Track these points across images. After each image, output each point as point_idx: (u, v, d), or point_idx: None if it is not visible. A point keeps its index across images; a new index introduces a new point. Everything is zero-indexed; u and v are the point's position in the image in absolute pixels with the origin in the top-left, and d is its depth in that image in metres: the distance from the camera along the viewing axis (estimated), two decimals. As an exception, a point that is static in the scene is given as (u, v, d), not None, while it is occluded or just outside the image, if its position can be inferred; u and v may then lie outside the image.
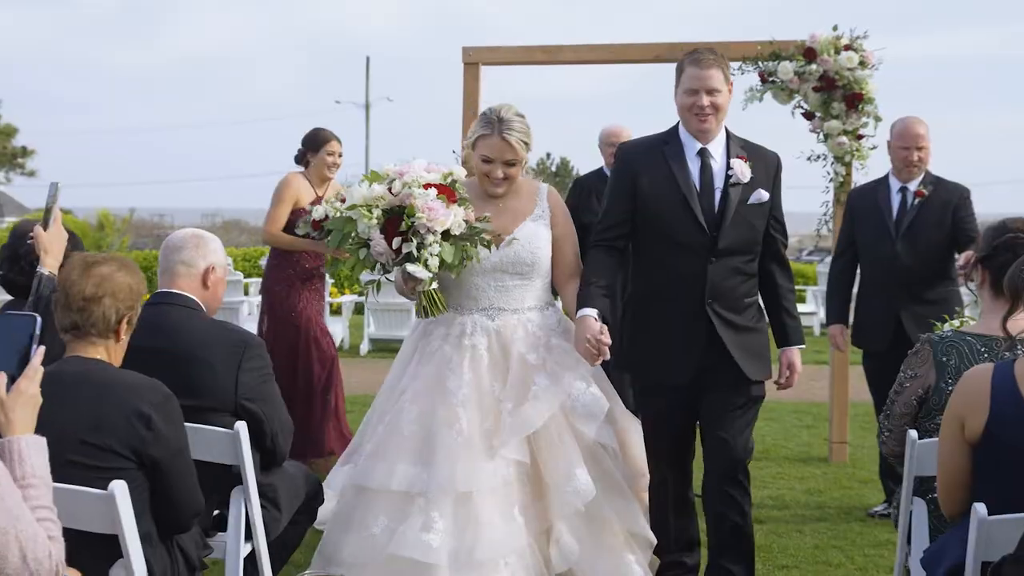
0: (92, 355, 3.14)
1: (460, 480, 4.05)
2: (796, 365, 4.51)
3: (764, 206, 4.39)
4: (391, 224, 4.18)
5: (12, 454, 2.44)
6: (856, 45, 7.54)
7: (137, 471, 3.07)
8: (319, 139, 6.93)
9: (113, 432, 3.04)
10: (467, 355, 4.31)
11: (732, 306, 4.35)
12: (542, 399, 4.19)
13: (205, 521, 3.75)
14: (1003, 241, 3.40)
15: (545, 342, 4.37)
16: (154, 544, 3.16)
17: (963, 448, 2.95)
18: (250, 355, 3.82)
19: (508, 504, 4.09)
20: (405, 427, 4.20)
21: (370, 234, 4.20)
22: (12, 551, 2.29)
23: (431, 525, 3.99)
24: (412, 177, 4.21)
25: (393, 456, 4.16)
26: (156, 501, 3.17)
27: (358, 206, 4.20)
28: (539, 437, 4.19)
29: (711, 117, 4.31)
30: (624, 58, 8.40)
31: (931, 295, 5.85)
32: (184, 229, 4.05)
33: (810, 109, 7.64)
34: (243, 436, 3.72)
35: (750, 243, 4.39)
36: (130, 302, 3.18)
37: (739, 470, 4.39)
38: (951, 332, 3.51)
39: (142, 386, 3.11)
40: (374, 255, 4.21)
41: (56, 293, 3.17)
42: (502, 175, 4.41)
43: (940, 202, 5.99)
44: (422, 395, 4.26)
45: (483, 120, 4.45)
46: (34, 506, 2.39)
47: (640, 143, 4.54)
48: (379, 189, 4.20)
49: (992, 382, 2.87)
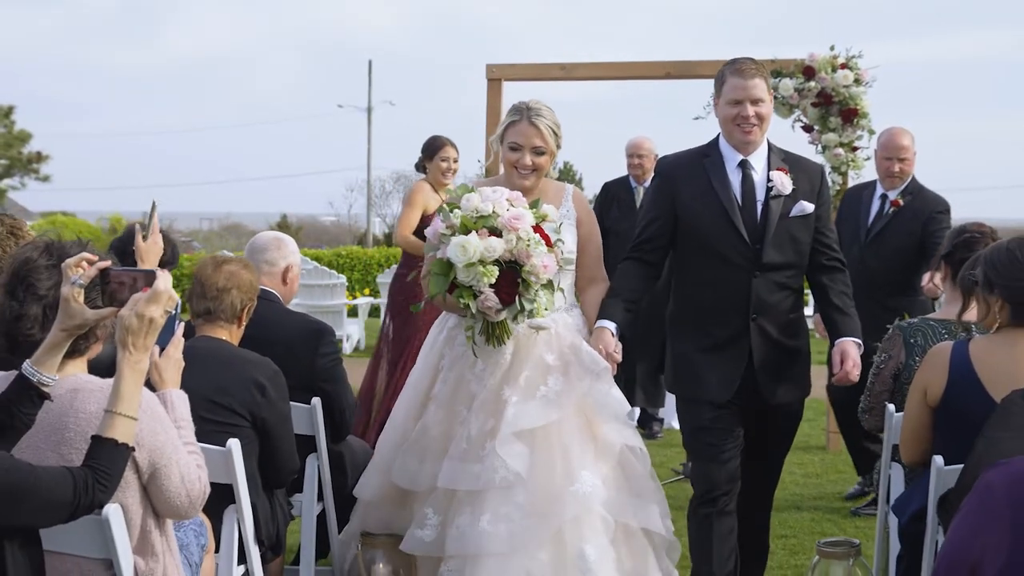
0: (218, 335, 3.80)
1: (445, 478, 4.09)
2: (850, 353, 4.18)
3: (808, 219, 4.24)
4: (505, 279, 3.98)
5: (166, 403, 3.07)
6: (852, 64, 8.19)
7: (250, 430, 3.74)
8: (434, 146, 7.07)
9: (235, 395, 3.71)
10: (492, 358, 4.24)
11: (777, 322, 4.23)
12: (550, 401, 4.14)
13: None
14: (961, 240, 4.07)
15: (569, 343, 4.28)
16: (259, 494, 3.79)
17: (925, 409, 3.57)
18: (324, 342, 4.44)
19: (502, 506, 4.03)
20: (433, 429, 4.24)
21: (480, 287, 3.97)
22: (174, 474, 2.91)
23: (424, 522, 4.13)
24: (528, 233, 3.98)
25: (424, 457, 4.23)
26: (262, 458, 3.83)
27: (475, 264, 3.93)
28: (547, 442, 4.11)
29: (756, 128, 4.20)
30: (636, 74, 9.11)
31: (891, 303, 5.92)
32: (266, 232, 4.71)
33: (809, 123, 8.30)
34: (318, 411, 4.33)
35: (795, 256, 4.24)
36: (251, 294, 3.89)
37: (767, 497, 4.49)
38: (918, 319, 4.13)
39: (259, 362, 3.80)
40: (482, 308, 3.99)
41: (192, 285, 3.82)
42: (530, 163, 4.30)
43: (913, 212, 6.20)
44: (447, 399, 4.26)
45: (512, 110, 4.39)
46: (184, 442, 3.02)
47: (680, 157, 4.40)
48: (497, 246, 3.94)
49: (951, 357, 3.49)
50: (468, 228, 3.98)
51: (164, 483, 2.89)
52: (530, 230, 3.98)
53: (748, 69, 4.20)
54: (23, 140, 40.03)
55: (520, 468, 4.03)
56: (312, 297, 13.87)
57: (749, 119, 4.17)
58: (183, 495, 2.91)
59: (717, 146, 4.30)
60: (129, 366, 2.69)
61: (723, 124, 4.26)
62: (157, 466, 2.88)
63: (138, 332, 2.70)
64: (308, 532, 4.38)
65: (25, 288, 2.85)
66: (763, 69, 4.25)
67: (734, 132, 4.22)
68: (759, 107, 4.19)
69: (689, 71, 8.68)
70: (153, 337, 2.75)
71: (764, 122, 4.22)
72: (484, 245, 3.93)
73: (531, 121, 4.28)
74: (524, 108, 4.32)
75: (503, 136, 4.36)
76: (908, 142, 6.33)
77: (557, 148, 4.36)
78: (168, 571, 2.93)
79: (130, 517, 2.86)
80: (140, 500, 2.90)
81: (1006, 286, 3.37)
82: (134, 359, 2.70)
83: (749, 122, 4.18)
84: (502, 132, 4.37)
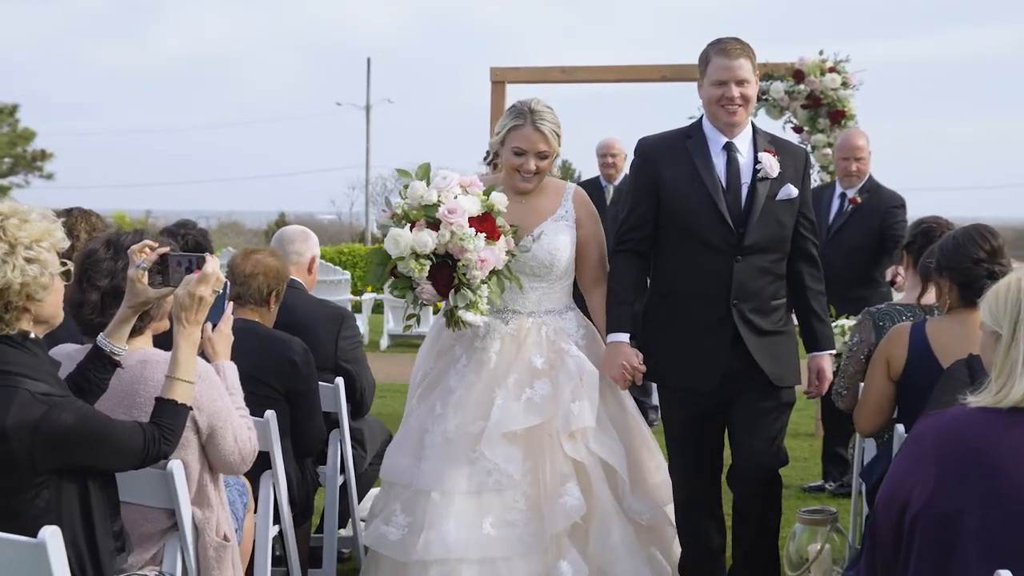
0: (249, 317, 4.21)
1: (422, 478, 4.10)
2: (825, 372, 4.27)
3: (793, 202, 4.16)
4: (440, 273, 4.00)
5: (220, 373, 3.51)
6: (839, 68, 8.60)
7: (284, 402, 4.16)
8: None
9: (270, 370, 4.12)
10: (475, 357, 4.25)
11: (759, 308, 4.14)
12: (535, 405, 4.11)
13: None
14: (920, 231, 4.51)
15: (558, 347, 4.23)
16: (290, 462, 4.20)
17: (886, 381, 3.97)
18: (346, 326, 4.84)
19: (477, 512, 4.02)
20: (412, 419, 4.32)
21: (417, 279, 4.01)
22: (228, 435, 3.36)
23: (391, 518, 4.17)
24: (462, 228, 3.94)
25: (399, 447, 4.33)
26: (294, 429, 4.24)
27: (406, 259, 3.96)
28: (537, 449, 4.11)
29: (741, 109, 4.09)
30: (634, 77, 9.56)
31: (852, 295, 6.09)
32: (293, 226, 5.12)
33: (799, 124, 8.72)
34: (341, 389, 4.72)
35: (778, 241, 4.17)
36: (277, 279, 4.30)
37: (770, 479, 4.21)
38: (885, 305, 4.53)
39: (291, 341, 4.22)
40: (421, 300, 4.05)
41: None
42: (534, 167, 4.24)
43: (871, 209, 6.53)
44: (426, 393, 4.35)
45: (514, 112, 4.28)
46: (236, 407, 3.46)
47: (662, 138, 4.27)
48: (428, 241, 3.94)
49: (910, 335, 3.90)
50: (409, 219, 3.99)
51: (220, 443, 3.34)
52: (465, 224, 3.94)
53: (733, 49, 4.10)
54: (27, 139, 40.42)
55: (514, 471, 4.02)
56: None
57: (734, 100, 4.07)
58: (236, 453, 3.36)
59: (701, 128, 4.20)
60: (184, 337, 3.11)
61: (707, 105, 4.16)
62: (214, 427, 3.32)
63: (190, 308, 3.11)
64: (332, 501, 4.75)
65: (87, 279, 3.29)
66: (748, 49, 4.14)
67: (719, 113, 4.12)
68: (744, 88, 4.08)
69: (684, 74, 9.10)
70: (204, 313, 3.16)
71: (749, 103, 4.13)
72: (415, 239, 3.93)
73: (536, 126, 4.21)
74: (527, 111, 4.23)
75: (505, 139, 4.27)
76: (863, 143, 6.66)
77: (560, 145, 4.30)
78: (220, 521, 3.37)
79: (189, 472, 3.30)
80: (199, 457, 3.34)
81: (953, 269, 3.79)
82: (187, 331, 3.11)
83: (734, 103, 4.07)
84: (504, 135, 4.27)
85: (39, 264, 2.82)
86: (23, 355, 2.84)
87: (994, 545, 2.54)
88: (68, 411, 2.80)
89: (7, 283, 2.78)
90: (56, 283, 2.90)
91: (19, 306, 2.82)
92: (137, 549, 3.22)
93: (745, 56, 4.09)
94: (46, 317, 2.92)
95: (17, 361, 2.82)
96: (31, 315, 2.87)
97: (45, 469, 2.80)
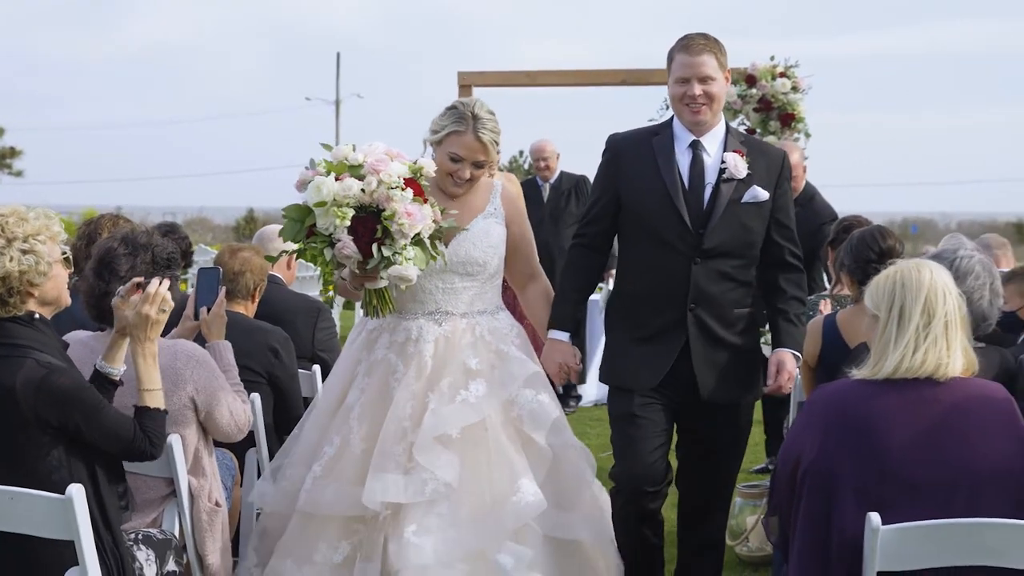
0: (236, 310, 4.63)
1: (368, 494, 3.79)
2: (786, 365, 4.05)
3: (762, 207, 4.03)
4: (363, 225, 3.78)
5: (215, 353, 3.99)
6: (789, 73, 9.08)
7: (267, 386, 4.60)
8: None
9: (254, 357, 4.55)
10: (413, 363, 4.00)
11: (718, 315, 4.02)
12: (469, 405, 3.91)
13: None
14: (841, 228, 5.10)
15: (495, 348, 4.07)
16: (272, 439, 4.63)
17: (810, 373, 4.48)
18: (323, 318, 5.27)
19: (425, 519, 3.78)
20: (356, 446, 3.94)
21: (338, 234, 3.78)
22: (224, 409, 3.82)
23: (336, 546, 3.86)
24: (389, 176, 3.78)
25: (349, 478, 3.89)
26: (276, 410, 4.68)
27: (328, 204, 3.75)
28: (478, 450, 3.90)
29: (704, 107, 3.97)
30: (595, 81, 10.13)
31: None
32: (273, 225, 5.52)
33: (751, 126, 9.17)
34: (318, 376, 5.12)
35: (743, 246, 4.03)
36: (262, 275, 4.75)
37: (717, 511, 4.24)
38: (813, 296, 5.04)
39: (273, 330, 4.67)
40: (339, 257, 3.79)
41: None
42: (468, 176, 4.06)
43: (805, 219, 6.35)
44: (369, 410, 3.99)
45: (455, 115, 4.04)
46: (231, 383, 3.93)
47: (629, 134, 4.19)
48: (353, 185, 3.75)
49: (823, 326, 4.41)
50: (331, 173, 3.81)
51: (217, 418, 3.82)
52: (392, 173, 3.78)
53: (696, 45, 3.99)
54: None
55: (450, 478, 3.81)
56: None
57: (696, 98, 3.96)
58: (232, 424, 3.85)
59: (670, 125, 4.12)
60: (140, 354, 3.48)
61: (672, 103, 4.07)
62: (211, 406, 3.79)
63: (140, 326, 3.46)
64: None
65: (110, 271, 3.69)
66: (714, 45, 4.01)
67: (682, 111, 4.02)
68: (708, 85, 3.97)
69: (644, 79, 9.63)
70: (157, 330, 3.48)
71: (714, 101, 3.99)
72: (340, 186, 3.74)
73: (477, 135, 4.01)
74: (470, 116, 4.02)
75: (443, 140, 4.05)
76: (797, 159, 6.79)
77: (497, 158, 4.15)
78: (212, 489, 3.82)
79: (187, 445, 3.75)
80: (196, 431, 3.81)
81: (852, 264, 4.31)
82: (143, 348, 3.48)
83: (696, 101, 3.97)
84: (443, 137, 4.04)
85: (34, 255, 3.26)
86: (31, 331, 3.30)
87: (868, 497, 3.02)
88: (67, 376, 3.25)
89: (7, 272, 3.23)
90: (55, 270, 3.35)
91: (21, 291, 3.27)
92: (140, 513, 3.67)
93: (709, 52, 3.98)
94: (51, 299, 3.37)
95: (26, 336, 3.28)
96: (36, 298, 3.32)
97: (50, 425, 3.21)
